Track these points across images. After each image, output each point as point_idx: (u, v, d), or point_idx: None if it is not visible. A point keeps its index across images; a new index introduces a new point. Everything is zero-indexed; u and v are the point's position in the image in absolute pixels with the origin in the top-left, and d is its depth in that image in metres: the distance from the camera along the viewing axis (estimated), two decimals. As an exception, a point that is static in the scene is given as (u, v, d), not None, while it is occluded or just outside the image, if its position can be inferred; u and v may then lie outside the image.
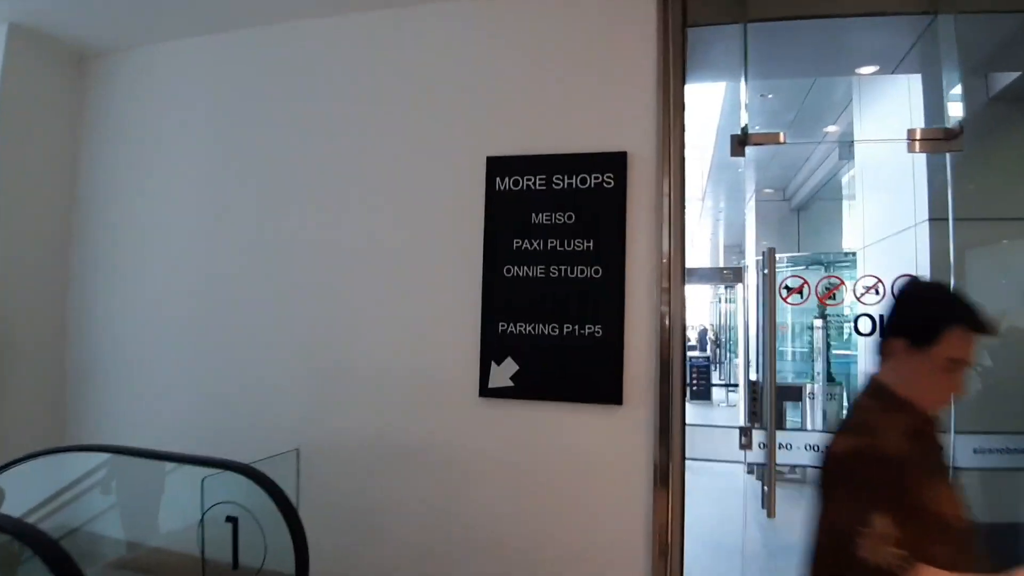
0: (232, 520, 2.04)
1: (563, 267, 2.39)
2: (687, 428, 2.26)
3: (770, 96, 5.00)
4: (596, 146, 2.40)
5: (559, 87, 2.46)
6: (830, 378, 4.84)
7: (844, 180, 5.39)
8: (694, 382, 4.98)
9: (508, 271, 2.44)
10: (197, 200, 2.91)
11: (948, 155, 2.46)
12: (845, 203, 5.42)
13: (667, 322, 2.30)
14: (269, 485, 1.97)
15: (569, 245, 2.39)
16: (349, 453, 2.54)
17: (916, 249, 3.11)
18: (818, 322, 4.94)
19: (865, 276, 2.37)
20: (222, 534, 2.05)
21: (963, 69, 2.61)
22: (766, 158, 5.75)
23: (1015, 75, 3.28)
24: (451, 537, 2.42)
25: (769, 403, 2.21)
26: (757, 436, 2.32)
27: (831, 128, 5.29)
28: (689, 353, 6.88)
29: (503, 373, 2.41)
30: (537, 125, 2.47)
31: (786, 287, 2.44)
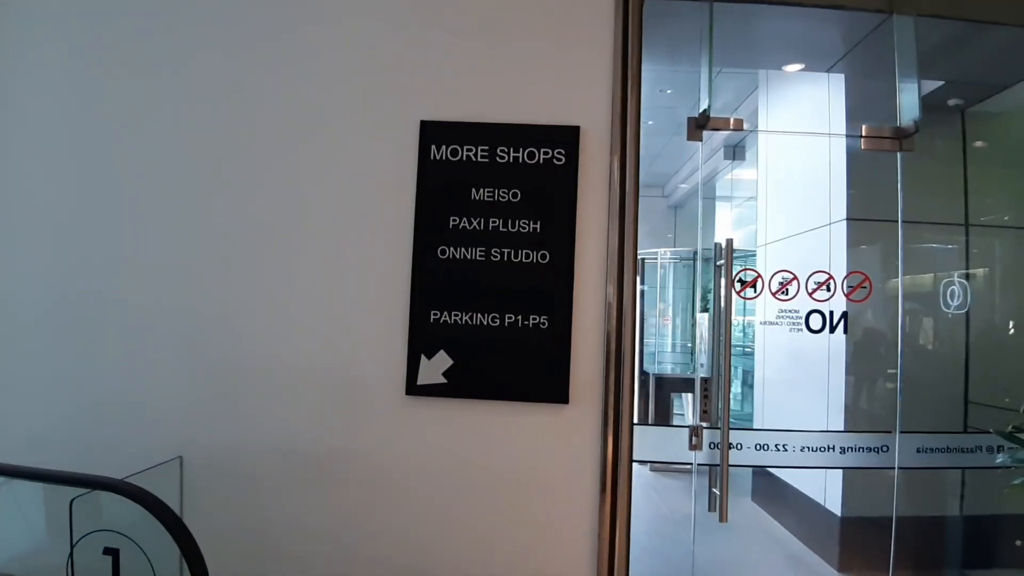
0: (112, 552, 1.67)
1: (506, 250, 2.18)
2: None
3: (669, 91, 5.05)
4: (546, 118, 2.20)
5: (507, 50, 2.23)
6: (713, 370, 5.09)
7: (719, 183, 5.59)
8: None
9: (443, 253, 2.20)
10: (59, 165, 2.38)
11: (899, 155, 2.47)
12: (718, 203, 5.65)
13: (618, 313, 2.15)
14: (154, 504, 1.62)
15: (514, 226, 2.18)
16: (248, 465, 2.20)
17: (831, 248, 3.18)
18: (702, 316, 5.18)
19: (817, 272, 2.34)
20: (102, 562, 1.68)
21: (891, 72, 2.65)
22: (651, 154, 5.89)
23: (937, 84, 3.44)
24: (374, 561, 2.16)
25: (723, 401, 2.12)
26: (708, 436, 2.22)
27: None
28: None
29: (435, 368, 2.17)
30: (481, 89, 2.23)
31: (740, 280, 2.36)
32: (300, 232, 2.24)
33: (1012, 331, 3.25)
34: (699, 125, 2.29)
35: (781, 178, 3.85)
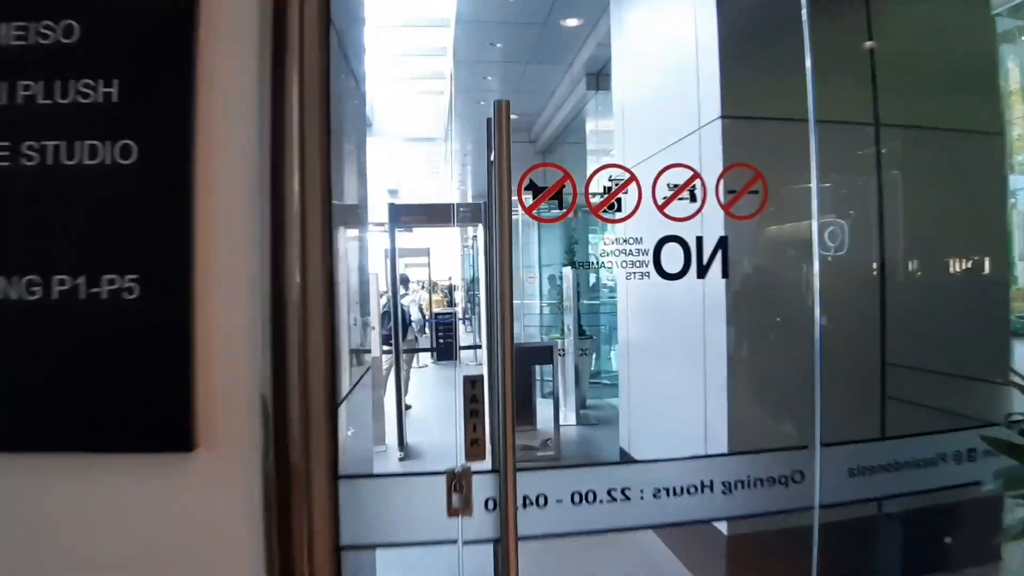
0: None
1: (50, 144, 1.07)
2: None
3: (499, 45, 4.55)
4: None
5: None
6: (581, 332, 4.56)
7: (589, 127, 4.86)
8: (440, 340, 4.62)
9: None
10: None
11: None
12: (590, 146, 4.92)
13: (302, 265, 1.11)
14: None
15: (65, 93, 1.08)
16: None
17: (701, 157, 2.20)
18: (567, 270, 4.51)
19: (673, 166, 1.36)
20: None
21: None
22: (509, 91, 5.30)
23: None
24: None
25: (503, 411, 1.10)
26: (481, 487, 1.20)
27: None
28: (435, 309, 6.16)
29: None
30: None
31: (531, 185, 1.35)
32: None
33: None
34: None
35: (641, 80, 2.84)
